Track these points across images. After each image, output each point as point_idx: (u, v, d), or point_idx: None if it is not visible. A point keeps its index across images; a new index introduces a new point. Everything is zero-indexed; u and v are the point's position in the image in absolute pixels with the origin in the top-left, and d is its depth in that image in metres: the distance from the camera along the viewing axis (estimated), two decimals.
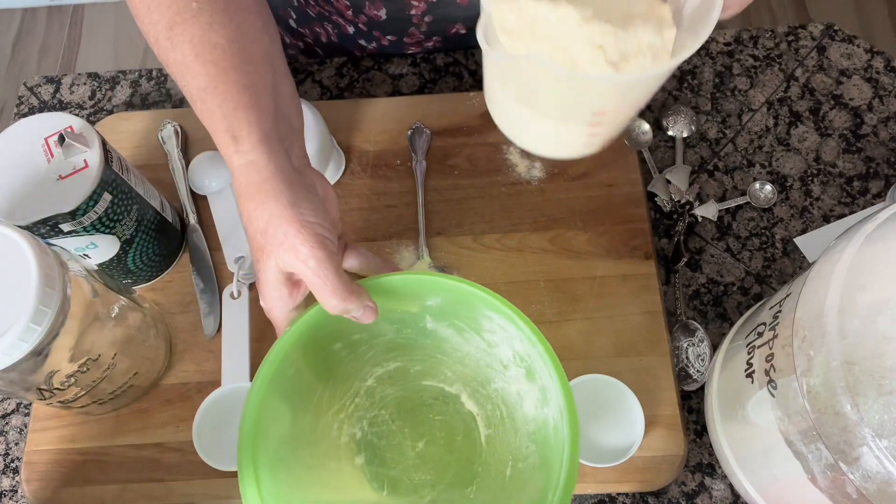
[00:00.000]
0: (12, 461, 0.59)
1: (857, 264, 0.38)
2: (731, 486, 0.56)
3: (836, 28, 0.71)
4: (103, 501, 0.56)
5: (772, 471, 0.45)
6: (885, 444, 0.34)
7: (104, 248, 0.54)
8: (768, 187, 0.64)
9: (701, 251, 0.63)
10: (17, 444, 0.59)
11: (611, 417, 0.54)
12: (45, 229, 0.49)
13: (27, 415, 0.60)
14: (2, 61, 1.78)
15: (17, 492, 0.58)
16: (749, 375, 0.46)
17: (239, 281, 0.60)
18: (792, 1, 1.74)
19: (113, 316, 0.51)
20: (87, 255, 0.54)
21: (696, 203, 0.63)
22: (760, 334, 0.45)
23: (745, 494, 0.50)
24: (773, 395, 0.42)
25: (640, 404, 0.54)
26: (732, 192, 0.65)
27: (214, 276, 0.62)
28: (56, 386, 0.48)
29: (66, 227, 0.50)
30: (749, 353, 0.47)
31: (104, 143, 0.52)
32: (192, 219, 0.63)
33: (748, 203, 0.64)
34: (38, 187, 0.49)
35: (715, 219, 0.63)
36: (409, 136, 0.66)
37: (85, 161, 0.50)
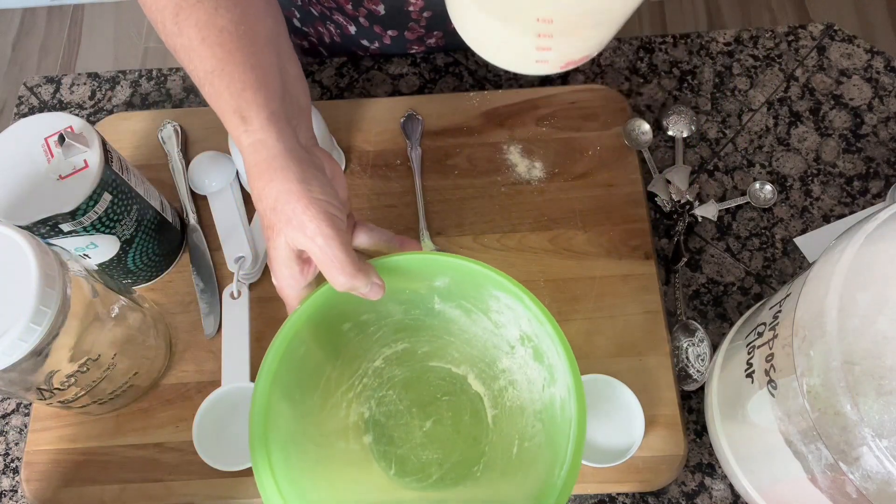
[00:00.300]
0: (12, 461, 0.59)
1: (857, 264, 0.38)
2: (731, 486, 0.56)
3: (836, 28, 0.71)
4: (103, 501, 0.56)
5: (772, 471, 0.45)
6: (885, 444, 0.34)
7: (104, 248, 0.54)
8: (768, 187, 0.64)
9: (701, 251, 0.63)
10: (17, 444, 0.59)
11: (611, 417, 0.54)
12: (45, 229, 0.49)
13: (27, 415, 0.60)
14: (2, 61, 1.78)
15: (17, 492, 0.58)
16: (749, 375, 0.46)
17: (239, 281, 0.60)
18: (792, 1, 1.74)
19: (113, 316, 0.51)
20: (87, 255, 0.54)
21: (696, 203, 0.63)
22: (760, 334, 0.45)
23: (745, 494, 0.50)
24: (773, 395, 0.42)
25: (640, 404, 0.54)
26: (732, 192, 0.65)
27: (214, 276, 0.62)
28: (56, 386, 0.48)
29: (66, 227, 0.50)
30: (749, 353, 0.47)
31: (104, 143, 0.52)
32: (192, 219, 0.63)
33: (748, 203, 0.64)
34: (38, 187, 0.49)
35: (715, 219, 0.63)
36: (402, 124, 0.66)
37: (85, 161, 0.50)
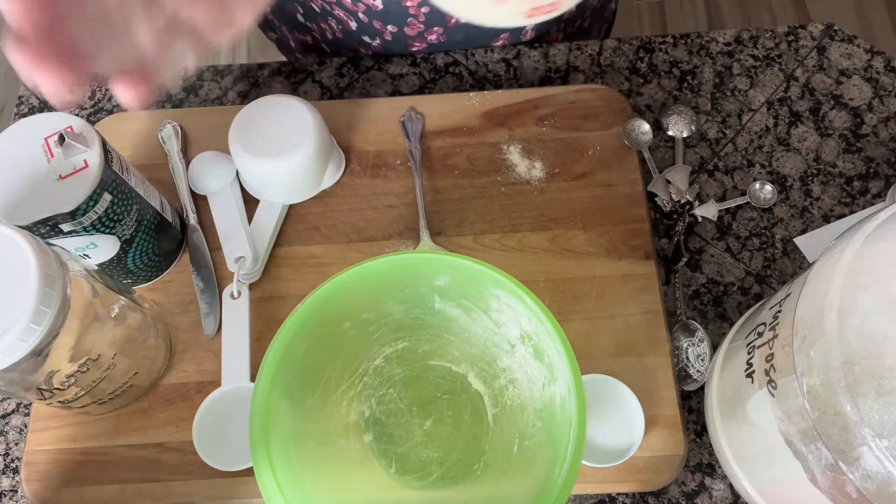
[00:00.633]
0: (12, 461, 0.59)
1: (857, 264, 0.38)
2: (731, 486, 0.56)
3: (836, 28, 0.71)
4: (103, 501, 0.56)
5: (772, 471, 0.45)
6: (885, 444, 0.34)
7: (104, 248, 0.54)
8: (768, 187, 0.64)
9: (701, 251, 0.63)
10: (17, 444, 0.59)
11: (611, 417, 0.54)
12: (45, 229, 0.49)
13: (27, 415, 0.60)
14: (2, 61, 1.78)
15: (17, 492, 0.58)
16: (749, 375, 0.46)
17: (239, 281, 0.60)
18: (792, 1, 1.74)
19: (113, 316, 0.51)
20: (87, 255, 0.54)
21: (696, 203, 0.63)
22: (760, 334, 0.45)
23: (745, 494, 0.50)
24: (773, 395, 0.42)
25: (640, 404, 0.54)
26: (732, 192, 0.65)
27: (214, 276, 0.62)
28: (56, 386, 0.48)
29: (66, 227, 0.50)
30: (749, 353, 0.47)
31: (104, 143, 0.52)
32: (192, 219, 0.63)
33: (748, 203, 0.64)
34: (38, 187, 0.49)
35: (715, 219, 0.63)
36: (403, 124, 0.66)
37: (85, 161, 0.50)
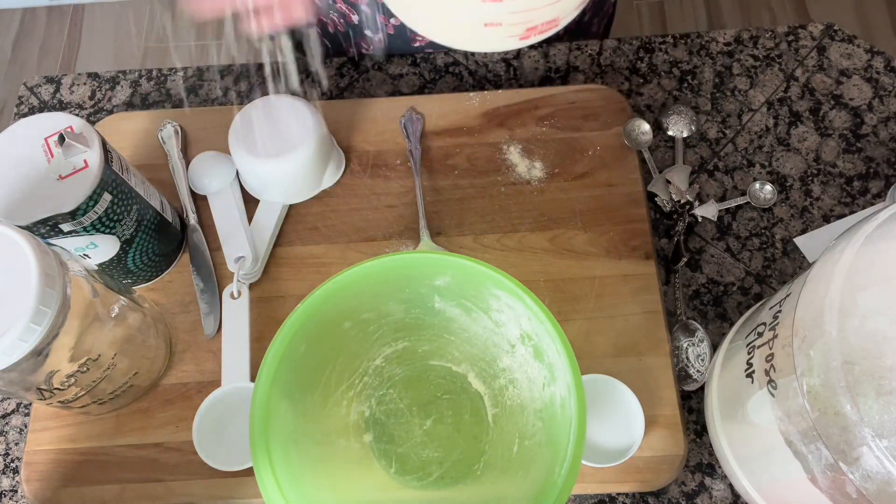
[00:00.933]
0: (12, 461, 0.59)
1: (857, 264, 0.38)
2: (731, 486, 0.56)
3: (836, 28, 0.71)
4: (103, 501, 0.56)
5: (772, 471, 0.45)
6: (885, 444, 0.34)
7: (104, 248, 0.54)
8: (768, 187, 0.64)
9: (701, 251, 0.63)
10: (17, 444, 0.59)
11: (611, 417, 0.54)
12: (45, 229, 0.49)
13: (27, 415, 0.60)
14: (2, 61, 1.78)
15: (17, 492, 0.58)
16: (749, 375, 0.46)
17: (239, 281, 0.60)
18: (792, 1, 1.74)
19: (113, 316, 0.51)
20: (87, 255, 0.54)
21: (696, 203, 0.63)
22: (760, 334, 0.45)
23: (745, 494, 0.50)
24: (773, 395, 0.42)
25: (640, 404, 0.54)
26: (732, 192, 0.65)
27: (214, 276, 0.62)
28: (56, 386, 0.48)
29: (66, 227, 0.50)
30: (749, 353, 0.47)
31: (104, 143, 0.52)
32: (192, 219, 0.63)
33: (748, 203, 0.64)
34: (38, 187, 0.49)
35: (715, 219, 0.63)
36: (403, 123, 0.66)
37: (85, 161, 0.50)
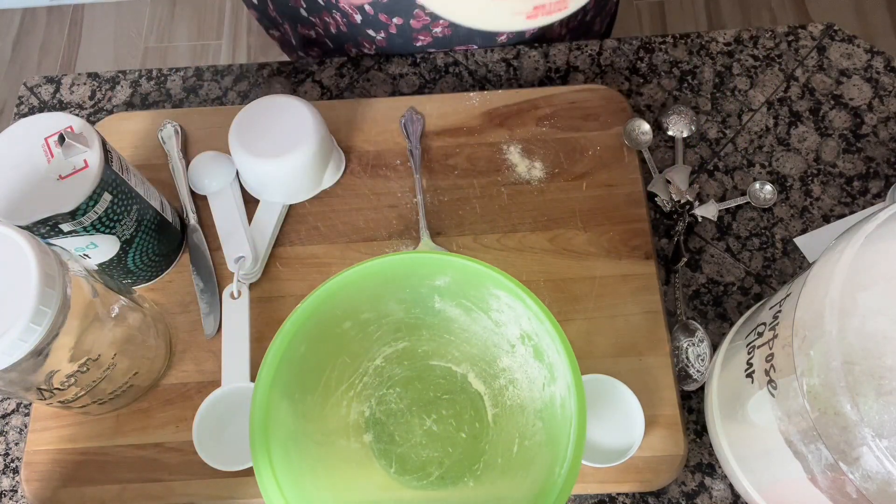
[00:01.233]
0: (12, 461, 0.59)
1: (857, 264, 0.38)
2: (731, 486, 0.56)
3: (836, 28, 0.71)
4: (103, 501, 0.56)
5: (772, 471, 0.45)
6: (885, 444, 0.34)
7: (104, 248, 0.54)
8: (768, 187, 0.64)
9: (701, 251, 0.63)
10: (17, 444, 0.59)
11: (611, 417, 0.54)
12: (45, 229, 0.49)
13: (27, 415, 0.60)
14: (2, 61, 1.78)
15: (17, 492, 0.58)
16: (749, 375, 0.46)
17: (239, 281, 0.60)
18: (792, 1, 1.74)
19: (113, 316, 0.51)
20: (87, 255, 0.54)
21: (696, 203, 0.63)
22: (760, 334, 0.45)
23: (745, 494, 0.50)
24: (773, 395, 0.42)
25: (640, 404, 0.54)
26: (732, 192, 0.65)
27: (214, 276, 0.62)
28: (56, 386, 0.48)
29: (66, 227, 0.50)
30: (749, 353, 0.47)
31: (104, 143, 0.52)
32: (192, 219, 0.63)
33: (748, 203, 0.64)
34: (38, 187, 0.49)
35: (715, 219, 0.63)
36: (403, 123, 0.66)
37: (85, 161, 0.50)
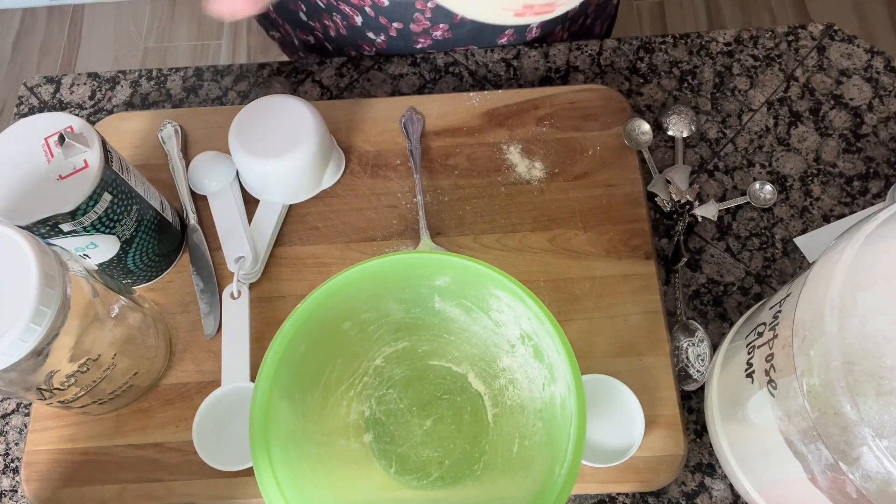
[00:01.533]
0: (12, 461, 0.59)
1: (857, 264, 0.38)
2: (731, 486, 0.56)
3: (836, 28, 0.71)
4: (103, 501, 0.56)
5: (772, 471, 0.45)
6: (885, 444, 0.34)
7: (104, 248, 0.54)
8: (768, 187, 0.64)
9: (701, 251, 0.63)
10: (17, 444, 0.59)
11: (611, 417, 0.54)
12: (45, 229, 0.49)
13: (27, 415, 0.60)
14: (2, 61, 1.78)
15: (17, 492, 0.58)
16: (749, 375, 0.46)
17: (239, 281, 0.60)
18: (792, 1, 1.74)
19: (113, 316, 0.51)
20: (87, 255, 0.54)
21: (696, 203, 0.63)
22: (760, 334, 0.45)
23: (745, 494, 0.50)
24: (773, 395, 0.42)
25: (640, 404, 0.54)
26: (732, 192, 0.65)
27: (214, 276, 0.62)
28: (56, 386, 0.48)
29: (66, 227, 0.50)
30: (749, 353, 0.47)
31: (104, 143, 0.52)
32: (192, 219, 0.63)
33: (748, 203, 0.64)
34: (38, 187, 0.49)
35: (715, 219, 0.63)
36: (403, 123, 0.66)
37: (85, 161, 0.50)
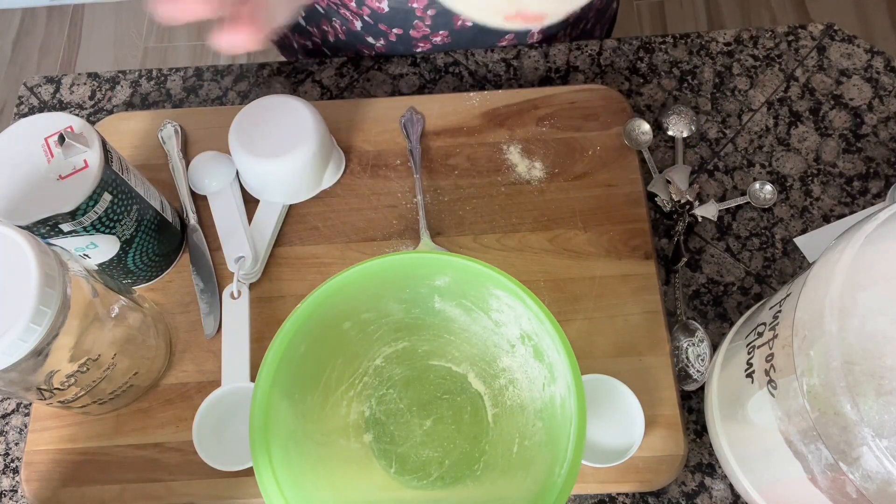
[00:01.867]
0: (12, 461, 0.59)
1: (857, 264, 0.38)
2: (731, 486, 0.56)
3: (836, 28, 0.71)
4: (103, 501, 0.56)
5: (772, 471, 0.45)
6: (885, 444, 0.34)
7: (104, 248, 0.54)
8: (768, 187, 0.64)
9: (701, 251, 0.63)
10: (17, 444, 0.59)
11: (611, 417, 0.54)
12: (45, 229, 0.49)
13: (27, 415, 0.60)
14: (2, 61, 1.78)
15: (17, 492, 0.58)
16: (749, 375, 0.46)
17: (239, 281, 0.60)
18: (792, 1, 1.74)
19: (113, 316, 0.51)
20: (87, 255, 0.54)
21: (696, 203, 0.63)
22: (760, 334, 0.45)
23: (745, 494, 0.50)
24: (773, 395, 0.42)
25: (640, 404, 0.54)
26: (732, 192, 0.65)
27: (214, 276, 0.62)
28: (56, 386, 0.48)
29: (66, 227, 0.50)
30: (749, 353, 0.47)
31: (104, 143, 0.52)
32: (192, 219, 0.63)
33: (748, 203, 0.64)
34: (38, 187, 0.49)
35: (715, 219, 0.63)
36: (403, 123, 0.66)
37: (85, 161, 0.50)
